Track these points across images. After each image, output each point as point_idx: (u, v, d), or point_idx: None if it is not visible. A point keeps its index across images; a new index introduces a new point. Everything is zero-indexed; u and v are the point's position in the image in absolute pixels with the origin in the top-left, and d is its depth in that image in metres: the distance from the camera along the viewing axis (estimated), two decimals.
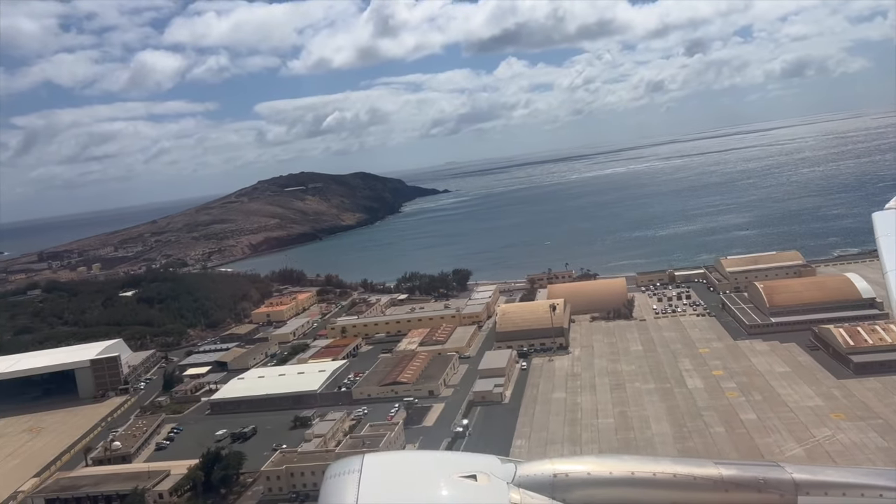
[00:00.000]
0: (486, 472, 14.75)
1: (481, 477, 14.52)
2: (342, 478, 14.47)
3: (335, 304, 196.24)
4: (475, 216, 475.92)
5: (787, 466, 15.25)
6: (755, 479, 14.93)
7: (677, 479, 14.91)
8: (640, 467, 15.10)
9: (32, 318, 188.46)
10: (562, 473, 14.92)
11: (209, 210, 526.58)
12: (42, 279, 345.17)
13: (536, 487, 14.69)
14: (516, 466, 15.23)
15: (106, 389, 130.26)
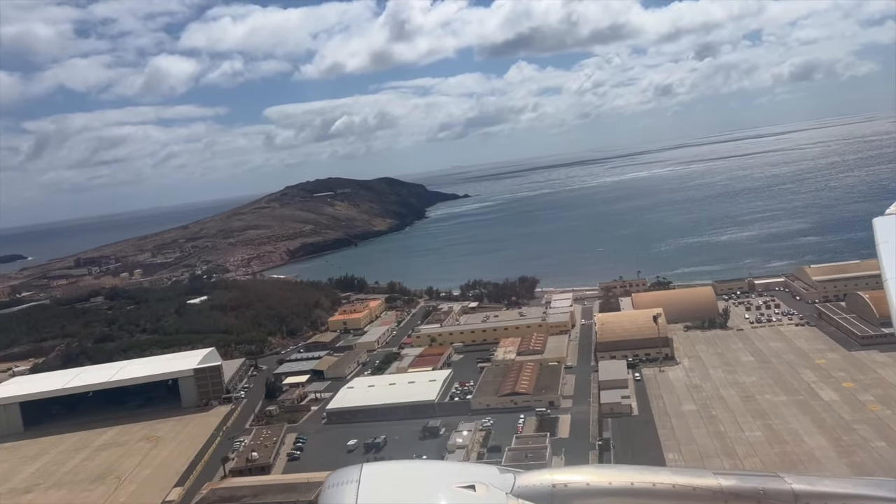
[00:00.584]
0: (485, 482, 14.77)
1: (480, 487, 14.54)
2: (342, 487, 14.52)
3: (403, 311, 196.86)
4: (508, 221, 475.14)
5: (787, 477, 15.33)
6: (754, 490, 14.93)
7: (676, 489, 14.90)
8: (640, 478, 15.12)
9: (108, 325, 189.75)
10: (561, 484, 14.93)
11: (241, 215, 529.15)
12: (91, 285, 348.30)
13: (535, 498, 14.67)
14: (515, 477, 15.27)
15: (209, 398, 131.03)
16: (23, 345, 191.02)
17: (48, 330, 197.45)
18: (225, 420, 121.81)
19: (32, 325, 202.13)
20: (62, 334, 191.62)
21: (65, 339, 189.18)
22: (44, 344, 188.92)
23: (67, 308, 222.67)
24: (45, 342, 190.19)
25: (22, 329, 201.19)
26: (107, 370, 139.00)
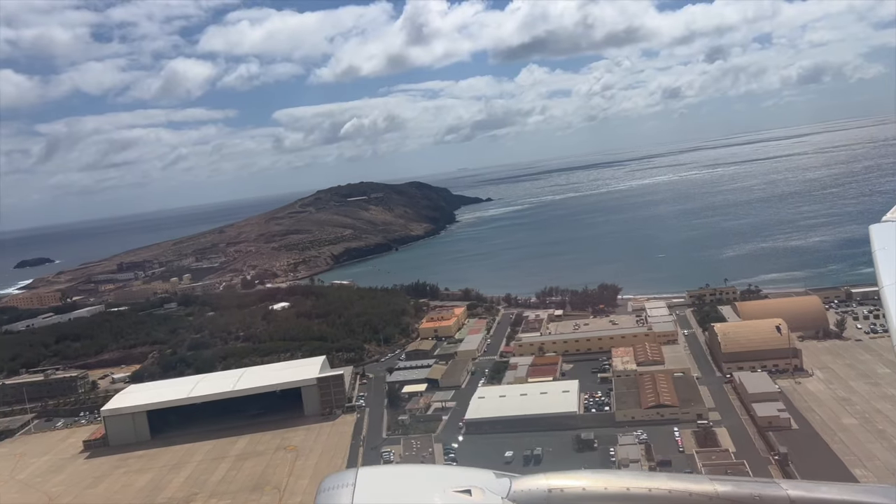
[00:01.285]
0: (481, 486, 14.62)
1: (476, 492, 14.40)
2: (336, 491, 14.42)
3: (485, 318, 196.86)
4: (549, 225, 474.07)
5: (783, 483, 15.27)
6: (751, 496, 14.78)
7: (672, 495, 14.76)
8: (636, 483, 14.99)
9: (196, 332, 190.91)
10: (557, 489, 14.79)
11: (278, 220, 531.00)
12: (143, 290, 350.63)
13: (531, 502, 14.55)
14: (511, 481, 15.05)
15: (332, 407, 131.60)
16: (112, 351, 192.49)
17: (134, 336, 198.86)
18: (357, 429, 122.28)
19: (116, 332, 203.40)
20: (150, 341, 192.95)
21: (153, 345, 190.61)
22: (133, 351, 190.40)
23: (145, 314, 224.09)
24: (133, 349, 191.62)
25: (105, 336, 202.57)
26: (225, 379, 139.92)
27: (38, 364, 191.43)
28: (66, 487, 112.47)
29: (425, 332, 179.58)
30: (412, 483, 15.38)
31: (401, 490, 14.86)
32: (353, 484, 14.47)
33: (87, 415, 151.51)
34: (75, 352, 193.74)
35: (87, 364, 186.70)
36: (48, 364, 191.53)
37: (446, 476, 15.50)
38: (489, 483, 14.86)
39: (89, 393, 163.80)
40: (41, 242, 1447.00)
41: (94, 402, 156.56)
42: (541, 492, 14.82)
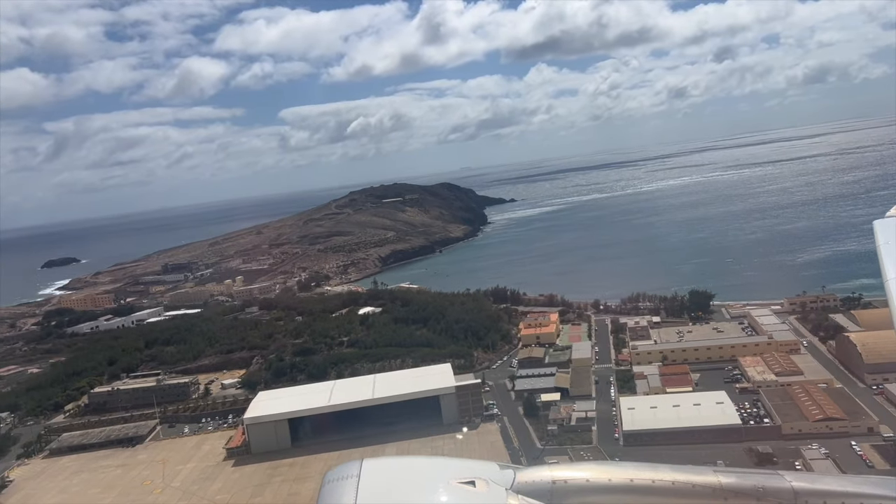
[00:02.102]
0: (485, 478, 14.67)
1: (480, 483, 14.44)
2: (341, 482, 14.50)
3: (577, 323, 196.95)
4: (590, 227, 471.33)
5: (787, 475, 15.19)
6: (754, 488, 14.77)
7: (676, 486, 14.76)
8: (639, 474, 14.97)
9: (296, 337, 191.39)
10: (561, 480, 14.86)
11: (316, 221, 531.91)
12: (198, 292, 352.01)
13: (535, 494, 14.61)
14: (515, 473, 15.18)
15: (470, 415, 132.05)
16: (210, 356, 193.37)
17: (228, 341, 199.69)
18: (505, 438, 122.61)
19: (210, 337, 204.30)
20: (247, 346, 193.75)
21: (252, 350, 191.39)
22: (231, 356, 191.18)
23: (232, 318, 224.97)
24: (231, 353, 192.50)
25: (199, 340, 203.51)
26: (358, 387, 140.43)
27: (137, 369, 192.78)
28: (231, 496, 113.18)
29: (527, 338, 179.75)
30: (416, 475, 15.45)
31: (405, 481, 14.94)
32: (358, 475, 14.64)
33: (209, 421, 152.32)
34: (172, 356, 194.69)
35: (188, 369, 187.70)
36: (145, 369, 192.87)
37: (450, 467, 15.65)
38: (493, 474, 15.08)
39: (203, 398, 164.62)
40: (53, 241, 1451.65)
41: (213, 408, 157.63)
42: (545, 483, 15.01)
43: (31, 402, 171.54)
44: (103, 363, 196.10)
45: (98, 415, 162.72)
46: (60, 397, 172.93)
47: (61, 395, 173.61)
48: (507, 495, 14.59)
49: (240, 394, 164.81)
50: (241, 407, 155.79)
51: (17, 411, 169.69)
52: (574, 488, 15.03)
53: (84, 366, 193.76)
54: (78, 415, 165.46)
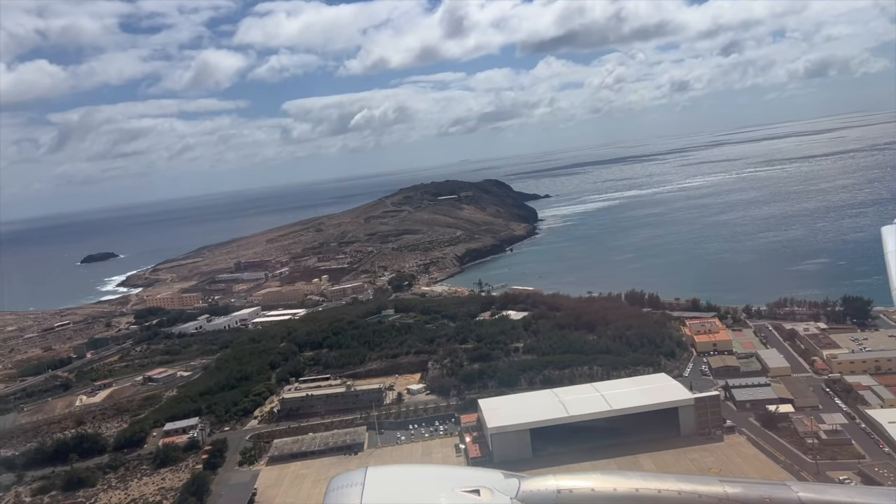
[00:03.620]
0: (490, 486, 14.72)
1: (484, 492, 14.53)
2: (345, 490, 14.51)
3: (737, 329, 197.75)
4: (656, 224, 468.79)
5: (793, 485, 15.16)
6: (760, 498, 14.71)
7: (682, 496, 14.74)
8: (645, 484, 14.99)
9: (460, 342, 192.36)
10: (566, 489, 14.86)
11: (379, 219, 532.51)
12: (294, 292, 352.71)
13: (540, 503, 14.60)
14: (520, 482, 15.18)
15: (708, 428, 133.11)
16: (375, 360, 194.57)
17: (388, 345, 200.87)
18: (765, 453, 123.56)
19: (366, 340, 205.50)
20: (412, 350, 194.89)
21: (418, 355, 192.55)
22: (399, 360, 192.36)
23: (373, 320, 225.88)
24: (397, 358, 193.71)
25: (355, 343, 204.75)
26: (583, 396, 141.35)
27: (303, 373, 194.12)
28: None
29: (703, 345, 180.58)
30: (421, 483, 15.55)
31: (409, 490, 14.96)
32: (363, 483, 14.66)
33: (416, 427, 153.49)
34: (336, 360, 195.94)
35: (356, 373, 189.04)
36: (311, 373, 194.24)
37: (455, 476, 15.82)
38: (498, 483, 15.11)
39: (396, 404, 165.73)
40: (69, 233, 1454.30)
41: (413, 415, 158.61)
42: (550, 492, 14.96)
43: (219, 408, 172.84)
44: (265, 367, 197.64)
45: (294, 421, 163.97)
46: (246, 403, 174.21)
47: (246, 401, 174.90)
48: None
49: (430, 400, 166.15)
50: (443, 414, 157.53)
51: (201, 416, 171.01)
52: (579, 497, 14.98)
53: (247, 370, 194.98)
54: (272, 420, 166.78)
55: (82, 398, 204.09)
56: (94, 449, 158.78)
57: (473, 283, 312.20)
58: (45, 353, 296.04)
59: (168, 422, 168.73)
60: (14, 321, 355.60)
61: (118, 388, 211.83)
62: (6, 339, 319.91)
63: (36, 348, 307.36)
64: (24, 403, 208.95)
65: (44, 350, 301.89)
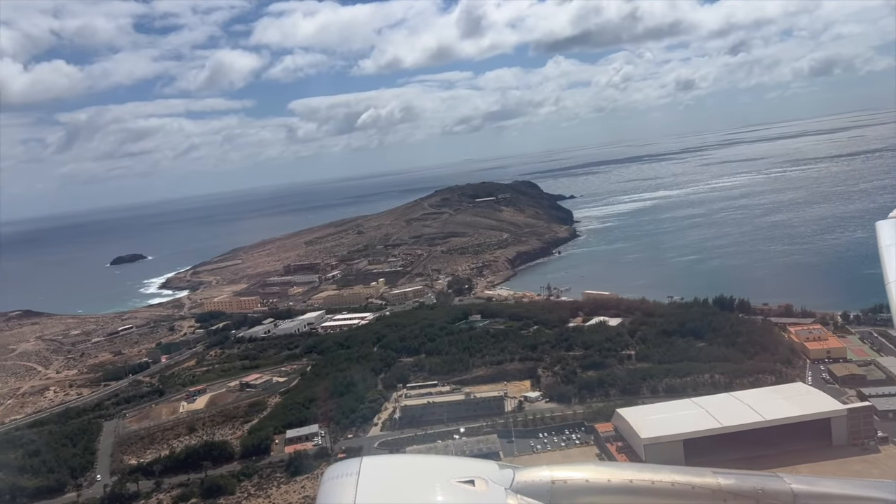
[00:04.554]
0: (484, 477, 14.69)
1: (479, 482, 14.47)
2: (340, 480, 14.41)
3: (840, 335, 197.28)
4: (703, 225, 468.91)
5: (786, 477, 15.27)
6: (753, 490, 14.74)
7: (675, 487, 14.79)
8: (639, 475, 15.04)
9: (566, 350, 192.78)
10: (560, 480, 14.87)
11: (422, 221, 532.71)
12: (353, 295, 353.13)
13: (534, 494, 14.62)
14: (514, 472, 15.16)
15: (861, 438, 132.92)
16: (480, 367, 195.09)
17: (488, 351, 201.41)
18: None
19: (465, 346, 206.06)
20: (517, 357, 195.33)
21: (522, 362, 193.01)
22: (504, 367, 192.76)
23: (463, 324, 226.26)
24: (501, 365, 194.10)
25: (455, 350, 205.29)
26: (724, 405, 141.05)
27: (408, 379, 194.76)
28: None
29: (817, 353, 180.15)
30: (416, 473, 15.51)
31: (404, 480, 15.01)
32: (358, 473, 14.67)
33: (547, 436, 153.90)
34: (440, 367, 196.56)
35: (463, 380, 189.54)
36: (416, 380, 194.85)
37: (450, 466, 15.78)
38: (492, 474, 15.19)
39: (518, 412, 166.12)
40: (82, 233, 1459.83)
41: (542, 424, 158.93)
42: (544, 483, 15.10)
43: (336, 415, 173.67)
44: (368, 374, 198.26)
45: (417, 428, 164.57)
46: (364, 409, 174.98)
47: (363, 408, 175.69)
48: (506, 495, 14.76)
49: (550, 408, 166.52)
50: (571, 422, 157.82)
51: (319, 423, 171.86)
52: (573, 489, 15.12)
53: (352, 376, 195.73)
54: (393, 428, 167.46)
55: (184, 404, 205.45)
56: (222, 456, 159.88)
57: (540, 286, 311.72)
58: (115, 358, 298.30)
59: (287, 429, 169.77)
60: (76, 325, 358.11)
61: (215, 394, 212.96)
62: (75, 343, 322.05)
63: (105, 352, 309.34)
64: (124, 409, 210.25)
65: (114, 354, 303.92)
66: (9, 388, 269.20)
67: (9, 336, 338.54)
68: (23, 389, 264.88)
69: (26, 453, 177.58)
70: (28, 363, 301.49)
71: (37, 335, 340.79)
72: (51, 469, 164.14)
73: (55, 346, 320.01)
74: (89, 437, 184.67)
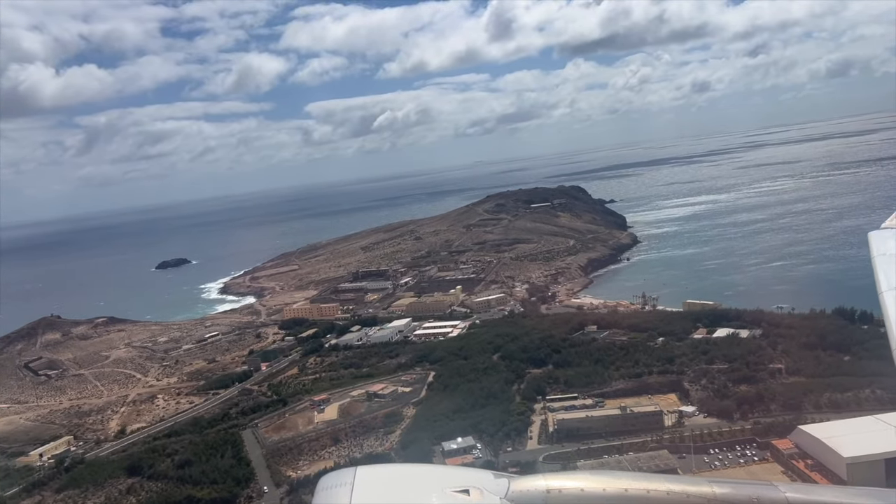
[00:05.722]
0: (479, 486, 14.64)
1: (474, 492, 14.44)
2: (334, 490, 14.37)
3: None
4: (777, 231, 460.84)
5: (781, 486, 15.13)
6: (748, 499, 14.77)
7: (671, 496, 14.75)
8: (634, 484, 14.95)
9: (709, 362, 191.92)
10: (555, 489, 14.82)
11: (481, 227, 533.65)
12: (437, 302, 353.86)
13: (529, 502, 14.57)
14: (509, 482, 15.13)
15: None
16: (618, 380, 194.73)
17: (622, 364, 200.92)
18: None
19: (596, 359, 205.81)
20: (655, 370, 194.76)
21: (662, 374, 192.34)
22: (642, 380, 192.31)
23: (582, 336, 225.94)
24: (641, 378, 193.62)
25: (585, 362, 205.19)
26: None
27: (545, 392, 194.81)
28: None
29: None
30: (411, 483, 15.31)
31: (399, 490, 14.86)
32: (352, 483, 14.56)
33: (719, 452, 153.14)
34: (579, 379, 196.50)
35: (603, 393, 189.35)
36: (554, 392, 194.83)
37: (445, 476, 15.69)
38: (487, 483, 15.10)
39: (678, 428, 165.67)
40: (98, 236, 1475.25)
41: (711, 439, 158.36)
42: (539, 492, 14.96)
43: (486, 427, 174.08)
44: (504, 385, 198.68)
45: (576, 442, 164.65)
46: (516, 422, 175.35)
47: (514, 420, 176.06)
48: None
49: (709, 423, 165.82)
50: (740, 438, 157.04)
51: (472, 435, 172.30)
52: (569, 497, 15.07)
53: (491, 387, 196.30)
54: (549, 442, 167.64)
55: (315, 414, 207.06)
56: None
57: (633, 295, 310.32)
58: (211, 365, 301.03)
59: (441, 441, 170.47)
60: (160, 331, 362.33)
61: (341, 403, 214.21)
62: (166, 350, 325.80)
63: (198, 360, 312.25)
64: (253, 419, 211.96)
65: (208, 362, 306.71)
66: (116, 395, 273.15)
67: (99, 343, 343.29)
68: (131, 397, 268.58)
69: (175, 463, 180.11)
70: (125, 370, 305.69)
71: (125, 342, 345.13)
72: (213, 480, 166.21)
73: (147, 353, 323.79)
74: (235, 448, 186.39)
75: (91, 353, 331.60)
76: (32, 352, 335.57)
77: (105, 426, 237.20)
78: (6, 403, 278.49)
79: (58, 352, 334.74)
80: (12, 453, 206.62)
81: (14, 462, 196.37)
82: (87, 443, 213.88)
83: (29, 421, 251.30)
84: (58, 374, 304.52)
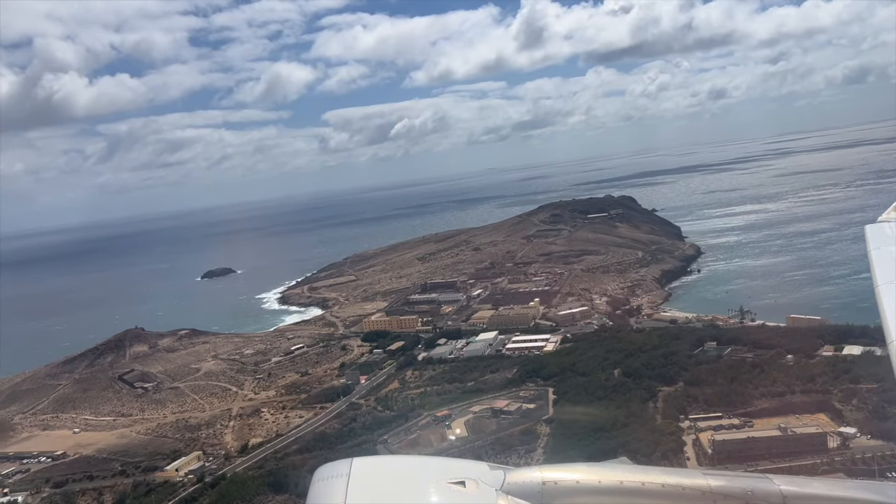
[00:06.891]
0: (475, 478, 14.73)
1: (470, 483, 14.51)
2: (330, 481, 14.29)
3: None
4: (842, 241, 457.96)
5: (776, 478, 15.16)
6: (743, 491, 14.78)
7: (665, 489, 14.79)
8: (629, 477, 14.96)
9: (853, 382, 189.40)
10: (551, 481, 14.88)
11: (542, 238, 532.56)
12: (531, 316, 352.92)
13: (525, 495, 14.67)
14: (505, 473, 15.20)
15: None
16: (759, 400, 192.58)
17: (760, 384, 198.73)
18: None
19: (731, 378, 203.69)
20: (798, 389, 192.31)
21: (806, 394, 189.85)
22: (784, 399, 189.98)
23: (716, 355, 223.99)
24: (783, 397, 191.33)
25: (719, 379, 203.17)
26: None
27: (686, 411, 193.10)
28: None
29: None
30: (407, 474, 15.40)
31: (395, 481, 14.93)
32: (348, 475, 14.53)
33: None
34: (719, 398, 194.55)
35: (748, 413, 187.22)
36: (691, 412, 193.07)
37: (441, 468, 15.66)
38: (483, 475, 15.14)
39: (842, 450, 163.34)
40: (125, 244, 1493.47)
41: (886, 462, 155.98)
42: (535, 484, 15.02)
43: (638, 446, 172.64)
44: (640, 403, 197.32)
45: (739, 464, 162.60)
46: (669, 442, 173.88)
47: (668, 440, 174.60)
48: (496, 496, 14.73)
49: (875, 446, 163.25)
50: None
51: (628, 456, 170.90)
52: (564, 489, 15.09)
53: (629, 405, 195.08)
54: (711, 464, 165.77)
55: (447, 431, 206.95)
56: None
57: (729, 309, 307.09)
58: (304, 378, 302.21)
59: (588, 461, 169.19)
60: (243, 343, 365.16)
61: (466, 419, 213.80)
62: (256, 362, 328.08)
63: (290, 372, 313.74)
64: (381, 434, 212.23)
65: (300, 374, 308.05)
66: (218, 409, 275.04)
67: (186, 356, 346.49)
68: (234, 411, 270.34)
69: None
70: (219, 383, 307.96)
71: (211, 354, 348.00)
72: None
73: (237, 366, 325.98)
74: None
75: (180, 365, 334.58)
76: (123, 364, 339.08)
77: (220, 440, 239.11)
78: (111, 416, 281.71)
79: (147, 364, 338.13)
80: (146, 468, 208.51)
81: (153, 476, 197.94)
82: (217, 458, 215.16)
83: (141, 434, 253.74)
84: (153, 387, 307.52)
